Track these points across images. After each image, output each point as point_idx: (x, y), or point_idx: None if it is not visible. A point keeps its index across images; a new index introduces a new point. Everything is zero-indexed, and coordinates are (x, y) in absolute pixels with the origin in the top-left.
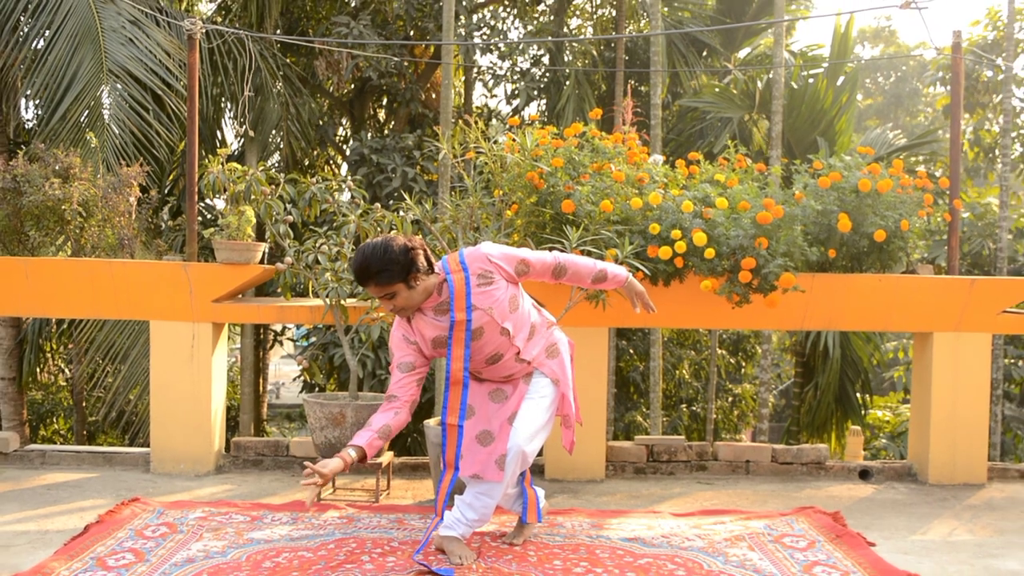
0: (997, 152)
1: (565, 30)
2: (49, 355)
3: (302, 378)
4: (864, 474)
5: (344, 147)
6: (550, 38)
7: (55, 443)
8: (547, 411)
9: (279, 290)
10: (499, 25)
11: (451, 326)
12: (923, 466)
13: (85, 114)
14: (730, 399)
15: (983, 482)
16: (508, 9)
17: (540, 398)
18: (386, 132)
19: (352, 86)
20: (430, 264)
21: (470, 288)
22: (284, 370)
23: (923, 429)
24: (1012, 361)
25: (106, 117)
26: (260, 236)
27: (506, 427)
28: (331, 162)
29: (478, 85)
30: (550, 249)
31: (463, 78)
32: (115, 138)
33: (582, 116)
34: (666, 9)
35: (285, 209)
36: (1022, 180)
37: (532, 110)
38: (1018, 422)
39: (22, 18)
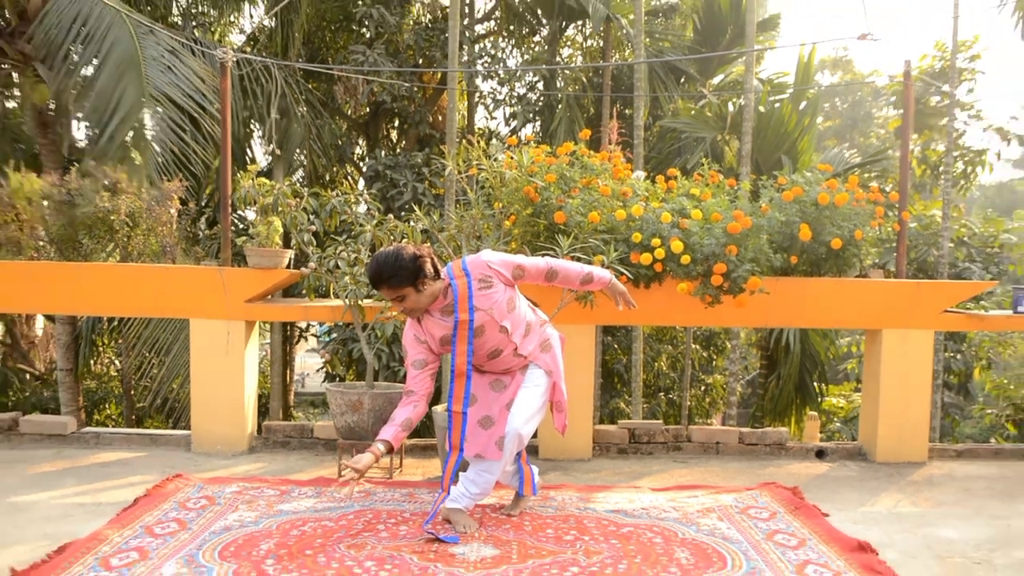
0: (941, 169)
1: (558, 59)
2: (101, 349)
3: (324, 369)
4: (820, 454)
5: (361, 164)
6: (544, 66)
7: (107, 426)
8: (541, 398)
9: (304, 292)
10: (498, 54)
11: (455, 325)
12: (872, 447)
13: (130, 135)
14: (703, 388)
15: (924, 460)
16: (507, 40)
17: (534, 387)
18: (398, 151)
19: (368, 109)
20: (436, 270)
21: (472, 291)
22: (308, 362)
23: (872, 414)
24: (951, 355)
25: (149, 137)
26: (286, 244)
27: (504, 413)
28: (349, 178)
29: (480, 108)
30: (543, 255)
31: (466, 102)
32: (157, 156)
33: (573, 136)
34: (648, 40)
35: (308, 219)
36: (963, 194)
37: (528, 131)
38: (955, 408)
39: (72, 48)
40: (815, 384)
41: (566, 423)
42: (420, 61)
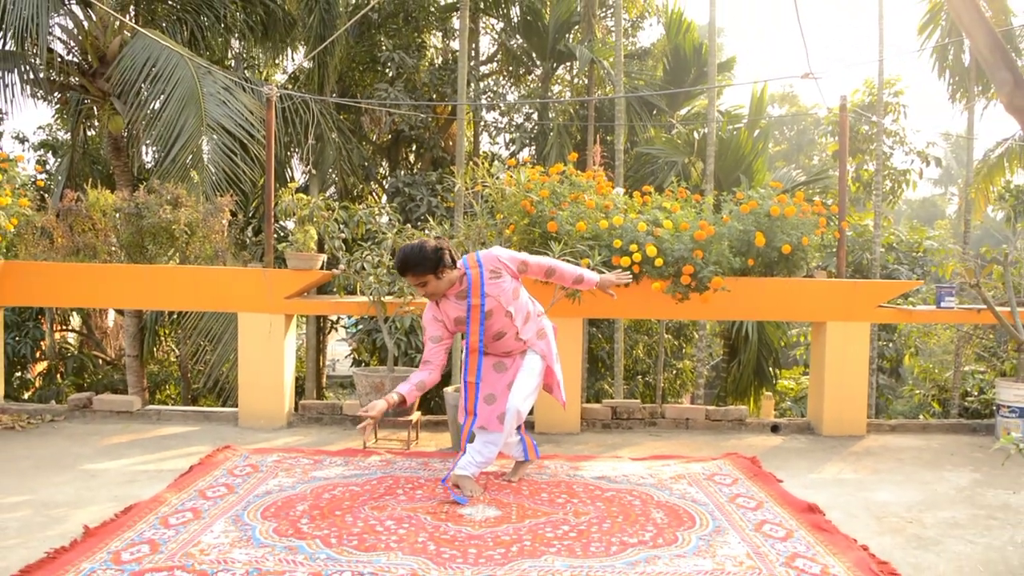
0: (873, 187)
1: (550, 94)
2: (163, 338)
3: (352, 356)
4: (775, 428)
5: (383, 182)
6: (538, 100)
7: (167, 405)
8: (536, 379)
9: (335, 290)
10: (500, 90)
11: (468, 309)
12: (819, 422)
13: (190, 158)
14: (674, 372)
15: (863, 434)
16: (507, 78)
17: (531, 370)
18: (415, 171)
19: (389, 136)
20: (454, 261)
21: (484, 280)
22: (338, 350)
23: (818, 394)
24: (884, 343)
25: (205, 160)
26: (320, 249)
27: (505, 392)
28: (373, 193)
29: (484, 135)
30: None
31: (473, 130)
32: (212, 176)
33: (563, 159)
34: (625, 78)
35: (339, 228)
36: (891, 207)
37: (525, 154)
38: (888, 389)
39: (143, 85)
40: (770, 369)
41: (564, 399)
42: (434, 96)
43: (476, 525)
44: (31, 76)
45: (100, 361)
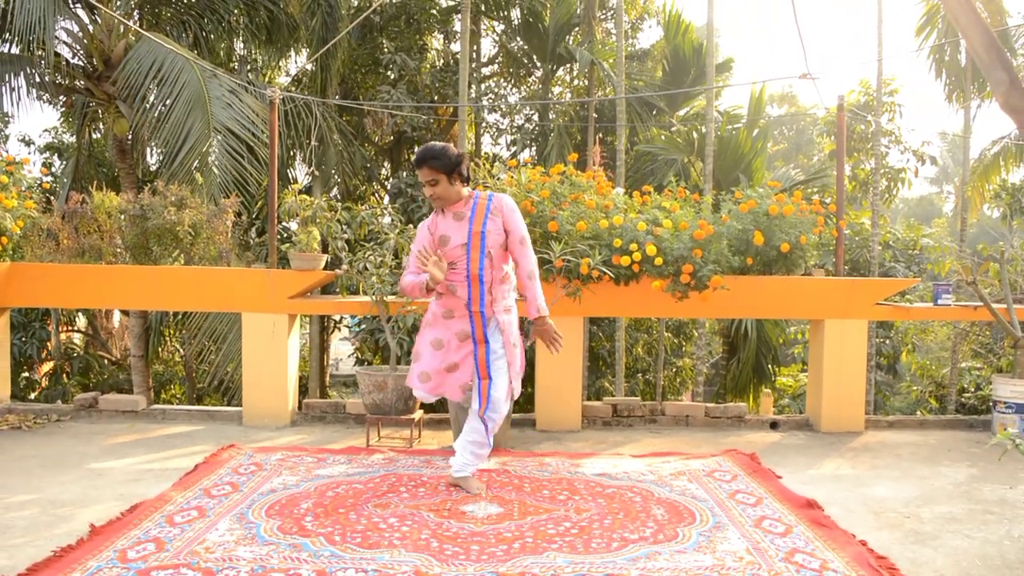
0: (870, 185)
1: (550, 95)
2: (168, 338)
3: (355, 355)
4: (774, 425)
5: (386, 183)
6: (539, 101)
7: (172, 404)
8: (506, 373)
9: (338, 290)
10: (501, 91)
11: (469, 235)
12: (817, 418)
13: (196, 161)
14: (674, 369)
15: (861, 430)
16: (508, 80)
17: (499, 364)
18: (417, 172)
19: (392, 137)
20: (468, 178)
21: (488, 212)
22: (341, 349)
23: (817, 391)
24: (881, 340)
25: (212, 161)
26: (324, 250)
27: (468, 359)
28: (376, 194)
29: (486, 136)
30: (540, 260)
31: (474, 131)
32: (217, 177)
33: (563, 159)
34: (625, 79)
35: (342, 229)
36: (888, 206)
37: (526, 155)
38: (886, 386)
39: (149, 89)
40: (769, 366)
41: (514, 390)
42: (436, 98)
43: (478, 522)
44: (37, 79)
45: (106, 361)
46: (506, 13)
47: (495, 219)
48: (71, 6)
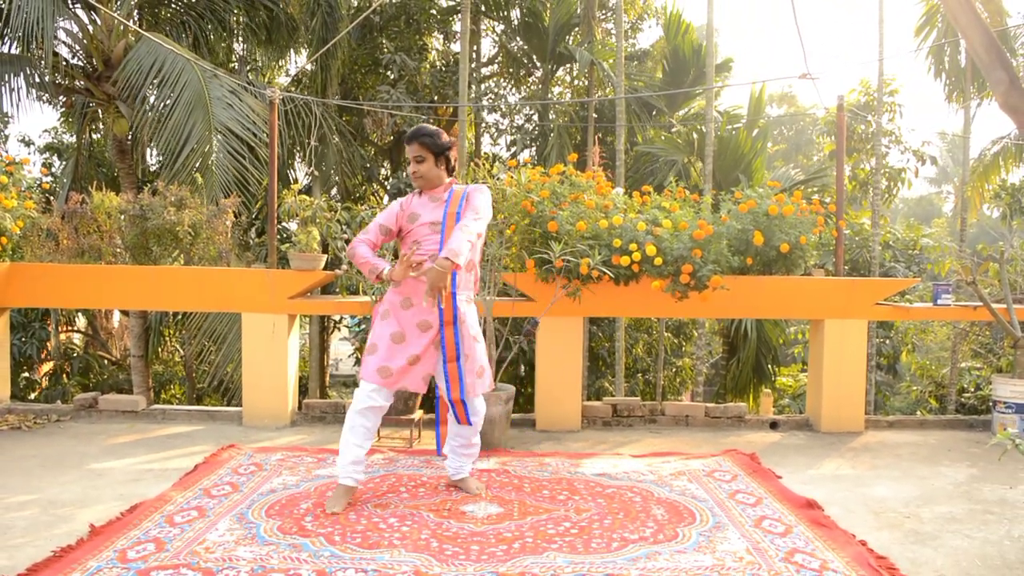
0: (870, 185)
1: (550, 95)
2: (167, 338)
3: (355, 355)
4: (773, 425)
5: (385, 183)
6: (539, 101)
7: (172, 404)
8: (475, 357)
9: (337, 290)
10: (501, 92)
11: (445, 216)
12: (817, 418)
13: (199, 162)
14: (674, 369)
15: (861, 430)
16: (507, 80)
17: (469, 344)
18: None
19: (391, 137)
20: (452, 168)
21: (464, 197)
22: (341, 349)
23: (817, 391)
24: (881, 340)
25: (214, 162)
26: (323, 249)
27: (431, 350)
28: (375, 194)
29: (486, 136)
30: (539, 259)
31: (474, 131)
32: (217, 178)
33: (563, 159)
34: (625, 80)
35: (342, 229)
36: (887, 205)
37: (525, 155)
38: (886, 385)
39: (149, 89)
40: (769, 366)
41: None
42: (435, 98)
43: (478, 522)
44: (37, 80)
45: (105, 361)
46: (506, 13)
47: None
48: (71, 6)
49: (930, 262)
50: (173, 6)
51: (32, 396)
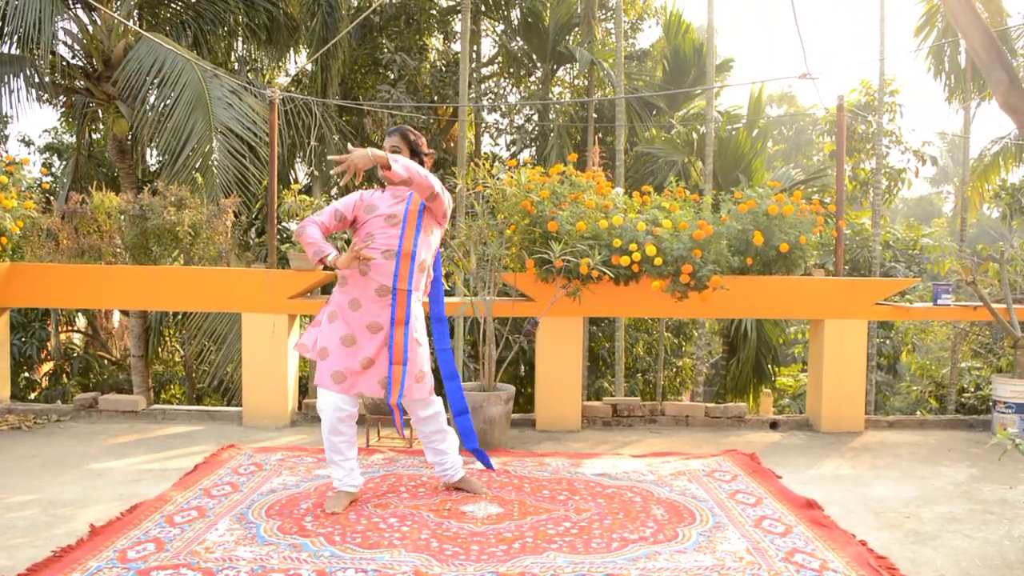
0: (870, 185)
1: (550, 95)
2: (167, 338)
3: None
4: (773, 425)
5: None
6: (539, 101)
7: (172, 404)
8: (419, 361)
9: None
10: (501, 92)
11: (406, 212)
12: (817, 418)
13: (199, 162)
14: (674, 369)
15: (861, 430)
16: (507, 80)
17: (414, 347)
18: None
19: None
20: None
21: (424, 204)
22: None
23: (817, 391)
24: (881, 340)
25: (214, 162)
26: None
27: (382, 351)
28: None
29: (486, 136)
30: (539, 259)
31: (474, 131)
32: (218, 177)
33: (563, 159)
34: (625, 80)
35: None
36: (887, 205)
37: (525, 155)
38: (886, 386)
39: (149, 89)
40: (769, 366)
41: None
42: (436, 98)
43: (479, 522)
44: (36, 80)
45: (105, 361)
46: (506, 13)
47: (428, 216)
48: (71, 6)
49: (930, 262)
50: (173, 6)
51: (32, 396)
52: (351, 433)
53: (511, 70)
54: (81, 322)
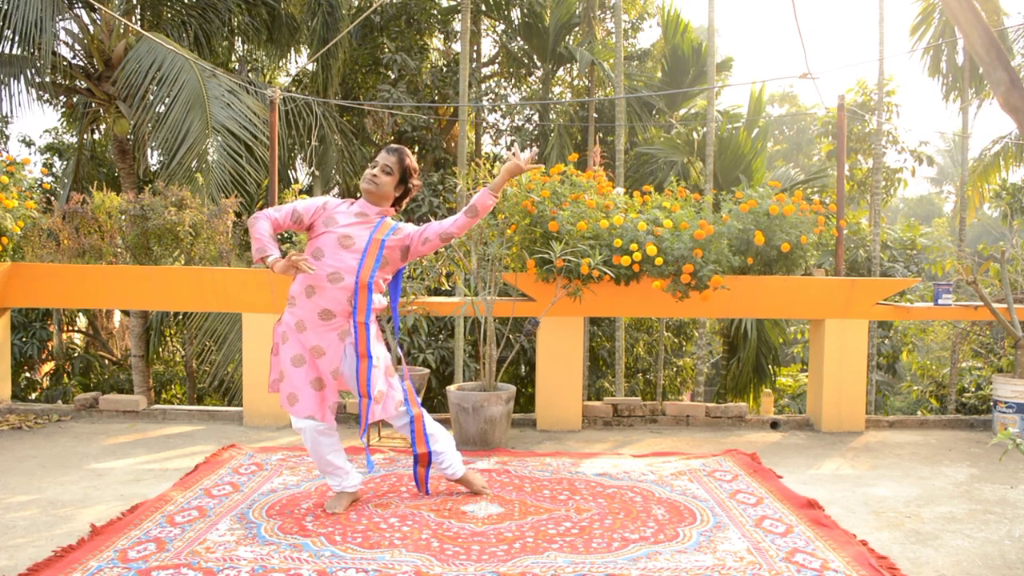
0: (867, 185)
1: (550, 95)
2: (168, 338)
3: None
4: (774, 425)
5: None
6: (539, 101)
7: (173, 404)
8: (383, 382)
9: None
10: (501, 91)
11: (368, 241)
12: (817, 418)
13: (195, 161)
14: (674, 369)
15: (861, 430)
16: (508, 80)
17: (376, 375)
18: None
19: (392, 137)
20: (402, 202)
21: (391, 231)
22: None
23: (817, 391)
24: (880, 340)
25: (210, 162)
26: None
27: (328, 378)
28: None
29: (486, 136)
30: (540, 259)
31: (475, 131)
32: (216, 177)
33: (563, 159)
34: (625, 80)
35: None
36: (884, 205)
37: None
38: (886, 385)
39: (149, 89)
40: (769, 366)
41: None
42: (436, 97)
43: (479, 522)
44: (37, 80)
45: (106, 361)
46: (506, 13)
47: (397, 238)
48: (71, 6)
49: (928, 262)
50: (174, 6)
51: (33, 396)
52: (332, 444)
53: (511, 70)
54: (82, 322)
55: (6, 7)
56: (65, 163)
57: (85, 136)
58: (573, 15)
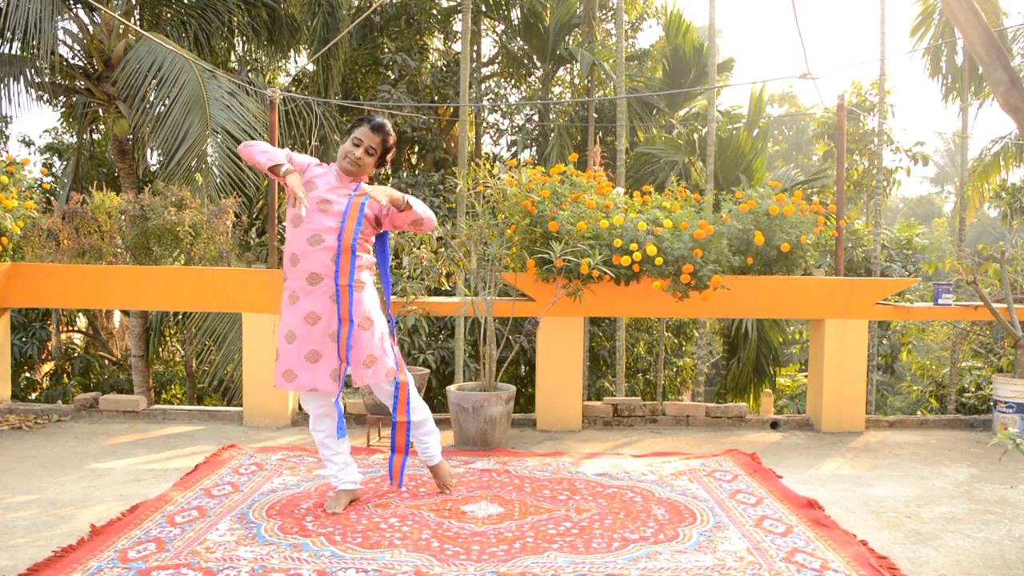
0: (863, 185)
1: (550, 95)
2: (168, 338)
3: None
4: (774, 425)
5: (386, 183)
6: (539, 101)
7: (173, 404)
8: (371, 346)
9: None
10: (501, 92)
11: (348, 204)
12: (817, 418)
13: (195, 161)
14: (674, 369)
15: (861, 430)
16: (508, 80)
17: (360, 335)
18: (418, 171)
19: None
20: (374, 170)
21: (368, 197)
22: None
23: (817, 391)
24: (879, 340)
25: (210, 163)
26: None
27: (325, 342)
28: None
29: (486, 136)
30: (540, 259)
31: (475, 131)
32: (216, 178)
33: (563, 159)
34: (626, 80)
35: None
36: (881, 205)
37: (526, 155)
38: (885, 385)
39: (149, 89)
40: (769, 366)
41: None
42: (436, 98)
43: (479, 522)
44: (37, 80)
45: (106, 361)
46: (506, 13)
47: (373, 204)
48: (71, 6)
49: (925, 262)
50: (174, 6)
51: (33, 396)
52: (331, 430)
53: (511, 70)
54: (82, 322)
55: (6, 7)
56: (65, 163)
57: (85, 136)
58: (573, 15)
